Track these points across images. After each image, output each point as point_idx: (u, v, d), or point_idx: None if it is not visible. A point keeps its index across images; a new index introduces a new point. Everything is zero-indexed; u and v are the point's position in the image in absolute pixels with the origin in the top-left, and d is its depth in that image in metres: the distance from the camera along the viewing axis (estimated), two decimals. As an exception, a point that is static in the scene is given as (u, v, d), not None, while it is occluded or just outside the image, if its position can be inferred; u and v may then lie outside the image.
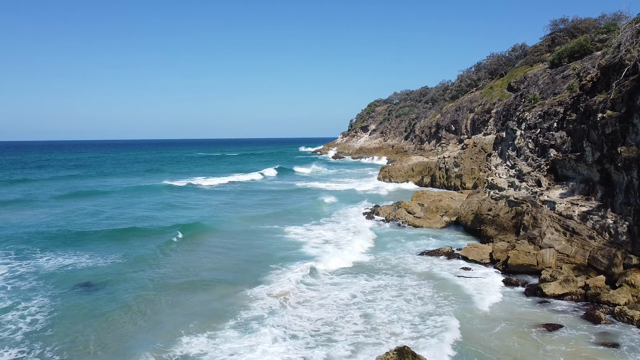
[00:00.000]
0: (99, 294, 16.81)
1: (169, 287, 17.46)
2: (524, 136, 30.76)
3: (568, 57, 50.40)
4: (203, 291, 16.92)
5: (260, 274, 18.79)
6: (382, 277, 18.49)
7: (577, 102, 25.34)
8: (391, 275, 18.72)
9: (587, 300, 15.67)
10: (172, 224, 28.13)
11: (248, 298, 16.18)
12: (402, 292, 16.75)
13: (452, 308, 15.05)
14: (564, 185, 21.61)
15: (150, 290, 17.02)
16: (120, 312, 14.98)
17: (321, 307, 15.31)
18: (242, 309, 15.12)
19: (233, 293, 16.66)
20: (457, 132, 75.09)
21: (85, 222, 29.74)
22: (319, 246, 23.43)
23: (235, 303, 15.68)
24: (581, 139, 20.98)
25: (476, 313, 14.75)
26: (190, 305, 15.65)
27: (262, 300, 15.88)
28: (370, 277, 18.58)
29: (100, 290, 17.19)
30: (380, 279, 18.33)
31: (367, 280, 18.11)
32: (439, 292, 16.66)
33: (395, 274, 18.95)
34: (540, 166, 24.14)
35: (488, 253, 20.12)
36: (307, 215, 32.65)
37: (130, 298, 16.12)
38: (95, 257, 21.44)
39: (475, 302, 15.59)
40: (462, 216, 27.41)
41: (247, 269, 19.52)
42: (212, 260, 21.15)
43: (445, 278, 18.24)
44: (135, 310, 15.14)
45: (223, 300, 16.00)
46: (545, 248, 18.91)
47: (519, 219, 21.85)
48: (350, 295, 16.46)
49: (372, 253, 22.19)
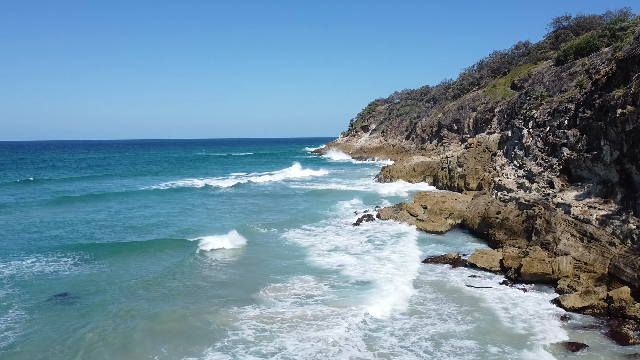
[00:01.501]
0: (75, 307, 15.35)
1: (155, 300, 15.91)
2: (532, 135, 29.31)
3: (574, 53, 48.98)
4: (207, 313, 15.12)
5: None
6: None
7: (591, 98, 23.89)
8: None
9: (611, 315, 14.18)
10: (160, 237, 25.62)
11: (233, 321, 14.68)
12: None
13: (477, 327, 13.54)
14: (579, 187, 20.13)
15: (129, 303, 15.53)
16: (96, 330, 13.51)
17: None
18: (228, 330, 13.63)
19: (225, 313, 15.09)
20: (459, 131, 73.63)
21: (101, 228, 27.84)
22: (342, 264, 20.30)
23: (225, 324, 14.14)
24: (598, 137, 19.49)
25: (503, 333, 13.30)
26: (171, 325, 14.12)
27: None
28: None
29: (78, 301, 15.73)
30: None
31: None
32: (459, 306, 15.18)
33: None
34: (553, 166, 22.67)
35: (498, 260, 18.63)
36: (311, 219, 31.00)
37: (111, 311, 14.66)
38: (81, 265, 19.96)
39: (500, 320, 14.15)
40: (467, 219, 25.94)
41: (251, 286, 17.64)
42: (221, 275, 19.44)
43: (460, 289, 16.74)
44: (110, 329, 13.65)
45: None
46: (561, 255, 17.43)
47: (530, 223, 20.37)
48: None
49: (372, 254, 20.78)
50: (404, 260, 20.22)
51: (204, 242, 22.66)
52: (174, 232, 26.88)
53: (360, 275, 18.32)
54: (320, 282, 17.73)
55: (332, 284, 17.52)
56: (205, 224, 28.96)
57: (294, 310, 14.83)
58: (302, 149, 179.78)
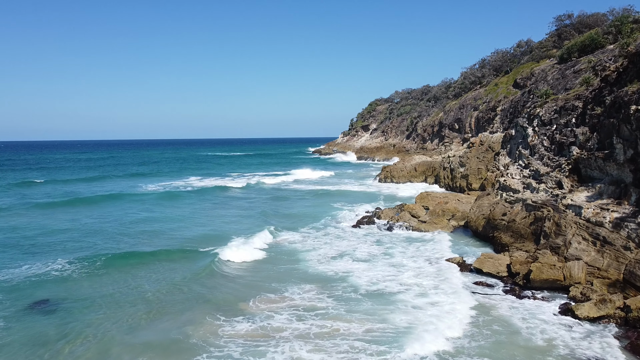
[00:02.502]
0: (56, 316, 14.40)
1: (138, 311, 14.87)
2: (538, 133, 28.35)
3: (578, 51, 48.08)
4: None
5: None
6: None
7: (600, 95, 22.92)
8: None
9: (628, 325, 13.19)
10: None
11: (216, 338, 13.71)
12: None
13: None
14: (590, 188, 19.14)
15: (111, 314, 14.55)
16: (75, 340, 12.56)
17: None
18: (211, 347, 12.66)
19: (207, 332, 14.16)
20: (460, 130, 72.65)
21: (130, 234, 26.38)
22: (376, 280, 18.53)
23: (208, 340, 13.16)
24: (610, 135, 18.51)
25: (521, 345, 12.35)
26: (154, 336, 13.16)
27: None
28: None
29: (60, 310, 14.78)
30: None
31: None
32: (476, 316, 14.18)
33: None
34: (561, 166, 21.67)
35: (505, 265, 17.65)
36: (310, 221, 30.07)
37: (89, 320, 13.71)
38: (69, 272, 18.95)
39: (516, 330, 13.20)
40: (472, 221, 24.96)
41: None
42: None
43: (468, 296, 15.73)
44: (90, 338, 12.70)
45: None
46: (572, 260, 16.45)
47: (538, 226, 19.39)
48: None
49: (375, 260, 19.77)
50: (412, 266, 19.21)
51: (211, 252, 21.05)
52: (180, 240, 24.67)
53: (370, 285, 16.95)
54: (323, 291, 16.35)
55: (336, 294, 16.13)
56: (214, 230, 27.42)
57: (292, 326, 13.52)
58: (302, 149, 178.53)
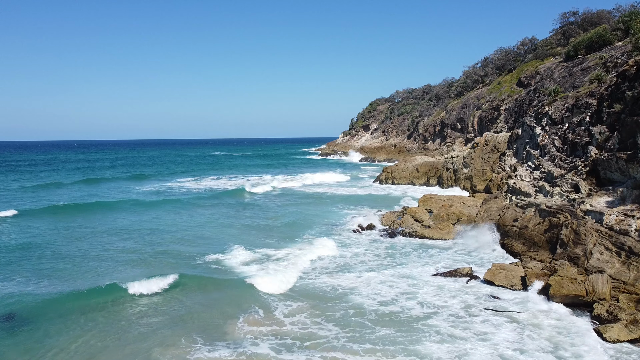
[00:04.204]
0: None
1: (105, 332, 13.19)
2: (549, 133, 26.79)
3: (585, 48, 46.64)
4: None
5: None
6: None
7: (618, 91, 21.34)
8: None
9: (665, 350, 11.64)
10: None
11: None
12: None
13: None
14: (610, 192, 17.56)
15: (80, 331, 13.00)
16: None
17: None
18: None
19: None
20: (463, 130, 71.08)
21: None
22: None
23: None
24: (633, 134, 16.95)
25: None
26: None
27: None
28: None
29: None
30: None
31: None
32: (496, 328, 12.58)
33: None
34: (577, 167, 20.09)
35: (519, 277, 16.06)
36: (305, 227, 28.53)
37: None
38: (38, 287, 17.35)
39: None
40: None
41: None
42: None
43: (478, 313, 14.17)
44: None
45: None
46: (595, 273, 14.87)
47: (554, 233, 17.81)
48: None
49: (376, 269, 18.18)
50: (415, 282, 17.63)
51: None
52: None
53: (381, 306, 14.88)
54: (319, 314, 14.30)
55: (337, 318, 14.02)
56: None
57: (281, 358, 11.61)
58: (301, 149, 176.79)
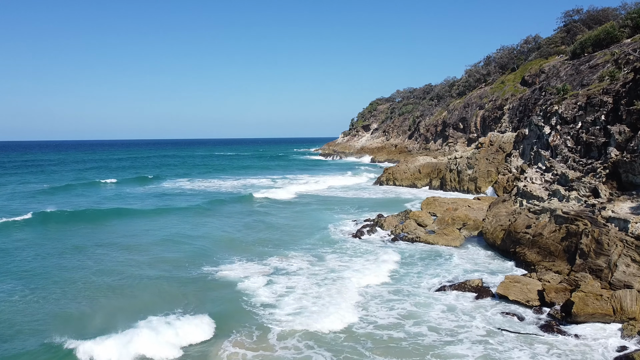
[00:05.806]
0: None
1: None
2: (560, 132, 25.30)
3: (592, 46, 45.42)
4: None
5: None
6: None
7: (637, 88, 19.87)
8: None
9: None
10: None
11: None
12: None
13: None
14: (634, 197, 16.07)
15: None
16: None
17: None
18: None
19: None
20: (465, 130, 69.57)
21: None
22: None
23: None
24: (660, 134, 15.46)
25: None
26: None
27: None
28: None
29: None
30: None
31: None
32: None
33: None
34: (595, 170, 18.57)
35: (536, 291, 14.53)
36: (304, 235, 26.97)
37: None
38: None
39: None
40: (487, 232, 21.88)
41: None
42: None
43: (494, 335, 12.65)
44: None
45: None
46: (621, 288, 13.38)
47: (572, 242, 16.29)
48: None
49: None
50: (415, 294, 16.11)
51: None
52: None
53: (387, 329, 12.70)
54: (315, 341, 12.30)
55: (336, 348, 11.85)
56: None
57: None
58: (301, 149, 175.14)
